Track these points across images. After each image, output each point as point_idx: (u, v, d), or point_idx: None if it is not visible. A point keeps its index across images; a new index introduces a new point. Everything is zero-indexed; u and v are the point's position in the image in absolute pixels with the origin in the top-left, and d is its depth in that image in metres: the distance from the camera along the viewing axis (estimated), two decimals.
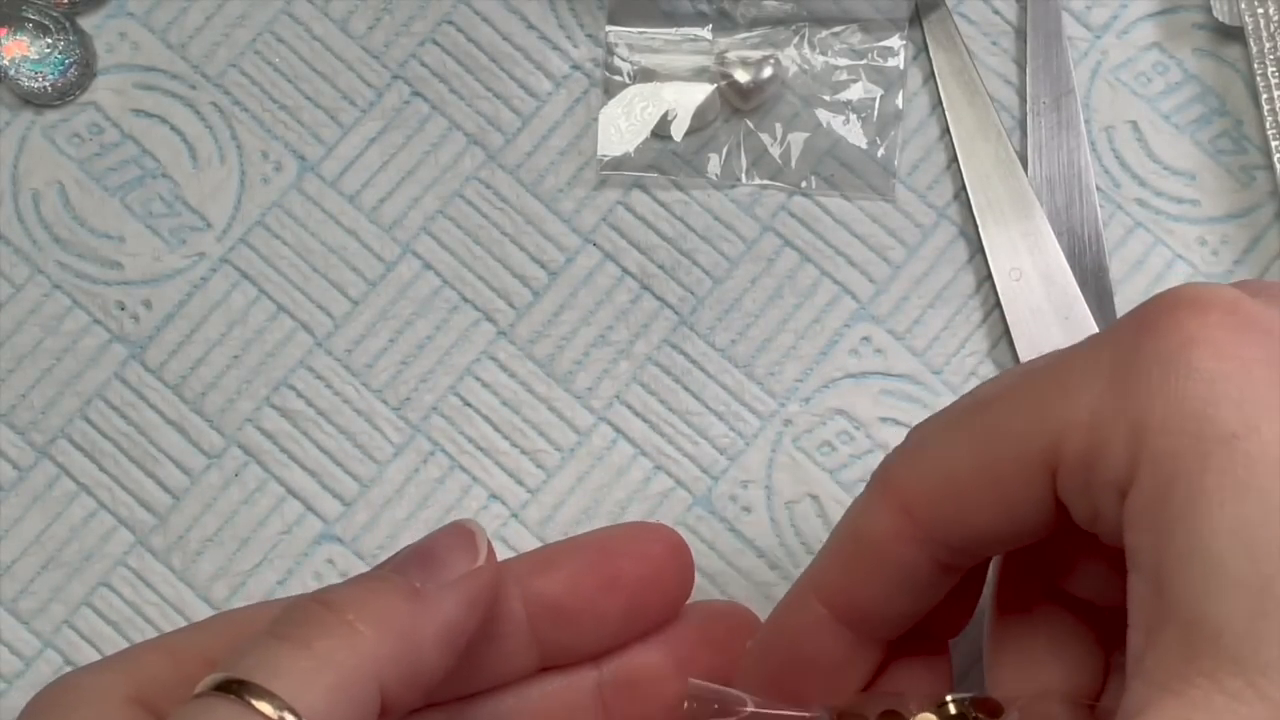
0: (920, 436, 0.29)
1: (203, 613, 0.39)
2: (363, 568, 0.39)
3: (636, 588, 0.32)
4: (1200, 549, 0.24)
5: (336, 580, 0.39)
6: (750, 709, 0.30)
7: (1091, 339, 0.27)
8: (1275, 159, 0.40)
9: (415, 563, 0.29)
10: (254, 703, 0.25)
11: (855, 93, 0.41)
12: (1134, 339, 0.26)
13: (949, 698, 0.30)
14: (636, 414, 0.40)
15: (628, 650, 0.33)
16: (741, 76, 0.41)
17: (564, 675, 0.33)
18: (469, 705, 0.32)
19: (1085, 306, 0.40)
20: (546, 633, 0.32)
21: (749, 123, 0.41)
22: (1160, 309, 0.26)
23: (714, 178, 0.41)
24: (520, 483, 0.40)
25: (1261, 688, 0.23)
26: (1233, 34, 0.42)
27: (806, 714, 0.30)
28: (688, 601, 0.33)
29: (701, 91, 0.41)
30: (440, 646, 0.28)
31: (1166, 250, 0.41)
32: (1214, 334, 0.25)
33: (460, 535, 0.30)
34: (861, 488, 0.30)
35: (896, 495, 0.28)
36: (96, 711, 0.27)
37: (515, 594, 0.31)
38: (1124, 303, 0.40)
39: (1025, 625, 0.31)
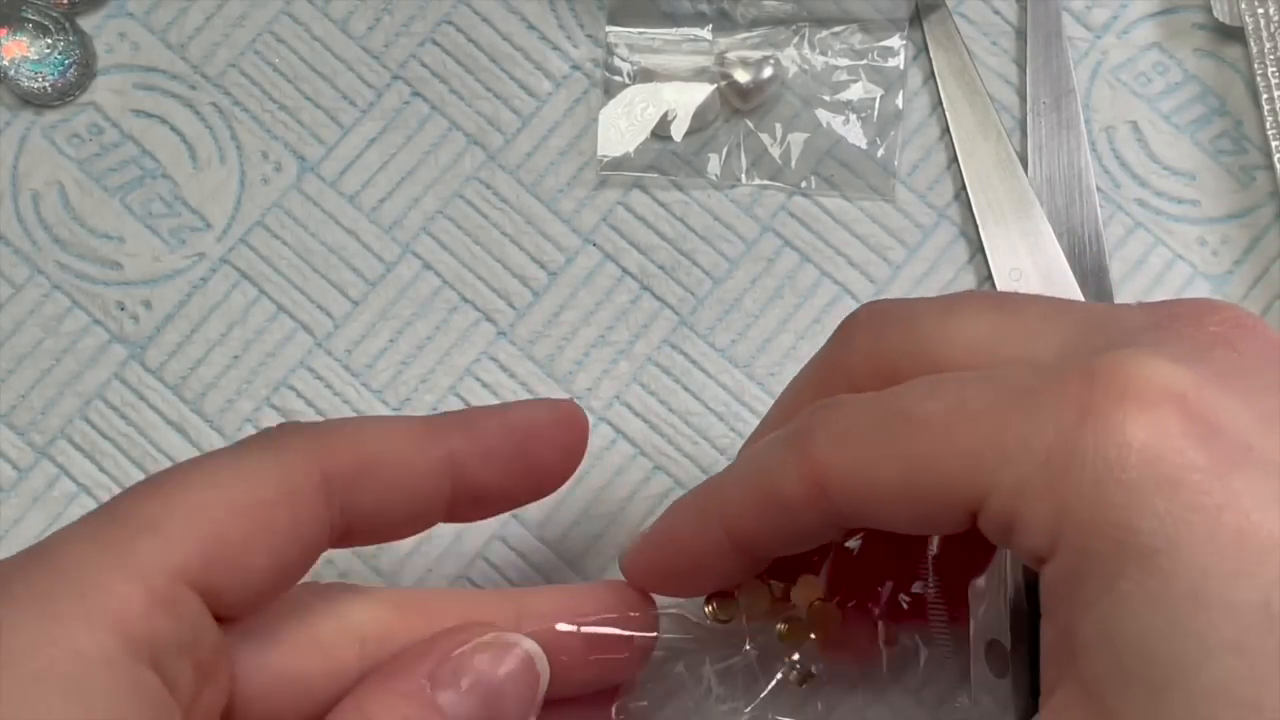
0: (849, 420, 0.29)
1: None
2: (362, 568, 0.39)
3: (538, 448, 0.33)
4: (1107, 641, 0.25)
5: (335, 580, 0.39)
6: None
7: (1039, 383, 0.27)
8: (1275, 159, 0.40)
9: None
10: None
11: (855, 93, 0.41)
12: (1077, 422, 0.26)
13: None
14: (636, 414, 0.40)
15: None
16: (741, 76, 0.41)
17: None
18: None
19: None
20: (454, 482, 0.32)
21: (749, 123, 0.41)
22: (1111, 394, 0.26)
23: (714, 178, 0.41)
24: None
25: None
26: (1233, 34, 0.42)
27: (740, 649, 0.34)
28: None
29: (701, 91, 0.41)
30: None
31: (1166, 250, 0.41)
32: (1154, 438, 0.25)
33: None
34: None
35: (815, 470, 0.29)
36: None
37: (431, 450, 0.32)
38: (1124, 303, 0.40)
39: None
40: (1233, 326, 0.28)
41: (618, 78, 0.41)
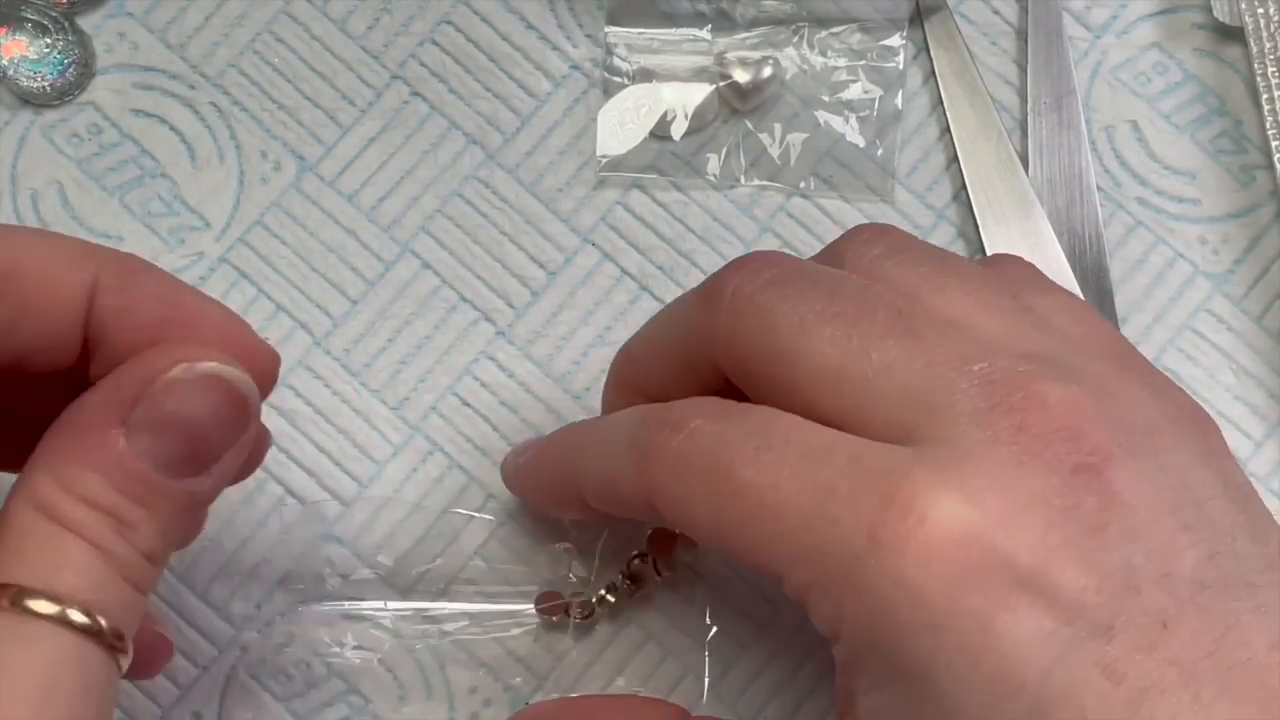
0: (683, 454, 0.30)
1: (205, 616, 0.39)
2: (361, 568, 0.39)
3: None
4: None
5: (338, 582, 0.39)
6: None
7: (846, 486, 0.28)
8: (1275, 159, 0.40)
9: None
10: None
11: (854, 93, 0.41)
12: (866, 548, 0.27)
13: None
14: None
15: None
16: (741, 77, 0.41)
17: None
18: None
19: None
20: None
21: (748, 123, 0.41)
22: (899, 529, 0.27)
23: (713, 178, 0.41)
24: None
25: None
26: (1233, 34, 0.42)
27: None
28: None
29: (701, 92, 0.41)
30: None
31: (1167, 249, 0.41)
32: (929, 581, 0.27)
33: None
34: None
35: (647, 489, 0.31)
36: None
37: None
38: (1124, 302, 0.40)
39: None
40: (1057, 430, 0.28)
41: (617, 78, 0.41)
